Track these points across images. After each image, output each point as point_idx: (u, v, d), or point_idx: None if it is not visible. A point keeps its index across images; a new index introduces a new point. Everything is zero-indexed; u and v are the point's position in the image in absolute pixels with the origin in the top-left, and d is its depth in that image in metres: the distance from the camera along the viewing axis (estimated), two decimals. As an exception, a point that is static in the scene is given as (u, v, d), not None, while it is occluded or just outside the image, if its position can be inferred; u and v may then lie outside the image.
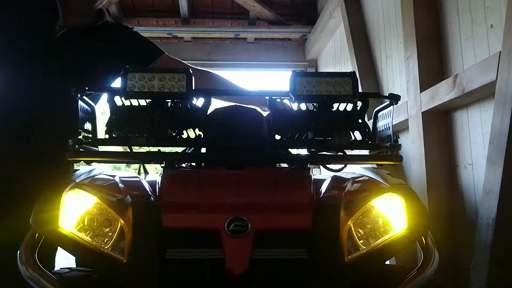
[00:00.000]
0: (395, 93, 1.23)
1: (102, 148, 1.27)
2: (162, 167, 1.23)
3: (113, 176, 1.25)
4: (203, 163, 1.33)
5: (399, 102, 1.24)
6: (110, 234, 1.05)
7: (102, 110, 1.75)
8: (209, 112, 1.26)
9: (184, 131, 1.22)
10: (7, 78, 1.64)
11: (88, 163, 1.27)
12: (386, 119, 1.28)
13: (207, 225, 1.06)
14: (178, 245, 1.05)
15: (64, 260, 1.88)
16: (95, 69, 1.67)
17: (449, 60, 2.28)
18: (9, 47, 1.64)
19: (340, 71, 3.78)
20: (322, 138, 1.20)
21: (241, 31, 5.28)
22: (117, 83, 1.47)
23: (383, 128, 1.30)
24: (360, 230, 1.08)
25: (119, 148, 1.29)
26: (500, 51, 1.71)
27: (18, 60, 1.63)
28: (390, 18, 3.07)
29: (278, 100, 1.23)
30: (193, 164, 1.36)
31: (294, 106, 1.21)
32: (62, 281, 1.02)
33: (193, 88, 1.15)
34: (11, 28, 1.63)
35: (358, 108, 1.22)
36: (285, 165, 1.51)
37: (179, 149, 1.50)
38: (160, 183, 1.19)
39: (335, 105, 1.21)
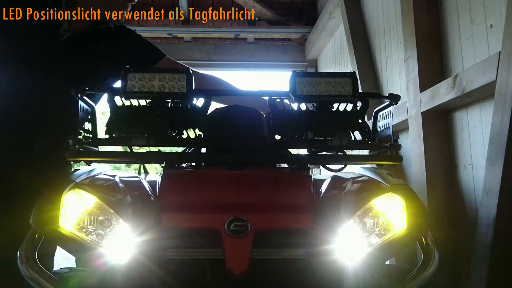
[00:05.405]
0: (395, 93, 1.23)
1: (102, 148, 1.27)
2: (162, 167, 1.23)
3: (113, 176, 1.25)
4: (203, 163, 1.33)
5: (399, 102, 1.24)
6: (110, 234, 1.05)
7: (102, 110, 1.74)
8: (209, 112, 1.26)
9: (184, 131, 1.22)
10: (9, 79, 1.64)
11: (88, 163, 1.27)
12: (386, 119, 1.28)
13: (207, 225, 1.06)
14: (178, 245, 1.05)
15: (64, 260, 1.88)
16: (97, 73, 1.67)
17: (449, 60, 2.28)
18: (12, 49, 1.64)
19: (340, 71, 3.78)
20: (322, 138, 1.19)
21: (241, 31, 5.27)
22: (117, 83, 1.48)
23: (383, 128, 1.30)
24: (360, 230, 1.08)
25: (119, 148, 1.29)
26: (500, 51, 1.71)
27: (20, 62, 1.63)
28: (390, 18, 3.07)
29: (278, 100, 1.23)
30: (193, 164, 1.36)
31: (294, 106, 1.21)
32: (62, 281, 1.02)
33: (193, 88, 1.15)
34: (15, 31, 1.63)
35: (358, 108, 1.23)
36: (285, 165, 1.51)
37: (179, 149, 1.50)
38: (160, 183, 1.19)
39: (335, 105, 1.21)
